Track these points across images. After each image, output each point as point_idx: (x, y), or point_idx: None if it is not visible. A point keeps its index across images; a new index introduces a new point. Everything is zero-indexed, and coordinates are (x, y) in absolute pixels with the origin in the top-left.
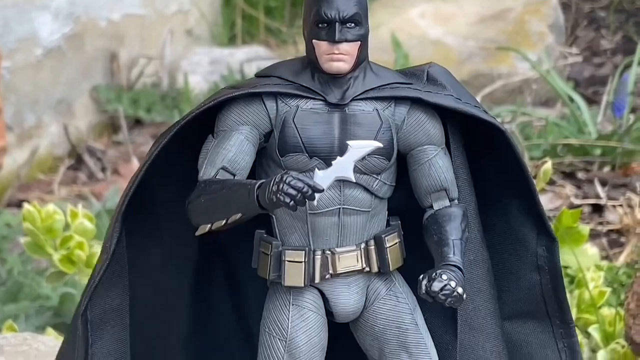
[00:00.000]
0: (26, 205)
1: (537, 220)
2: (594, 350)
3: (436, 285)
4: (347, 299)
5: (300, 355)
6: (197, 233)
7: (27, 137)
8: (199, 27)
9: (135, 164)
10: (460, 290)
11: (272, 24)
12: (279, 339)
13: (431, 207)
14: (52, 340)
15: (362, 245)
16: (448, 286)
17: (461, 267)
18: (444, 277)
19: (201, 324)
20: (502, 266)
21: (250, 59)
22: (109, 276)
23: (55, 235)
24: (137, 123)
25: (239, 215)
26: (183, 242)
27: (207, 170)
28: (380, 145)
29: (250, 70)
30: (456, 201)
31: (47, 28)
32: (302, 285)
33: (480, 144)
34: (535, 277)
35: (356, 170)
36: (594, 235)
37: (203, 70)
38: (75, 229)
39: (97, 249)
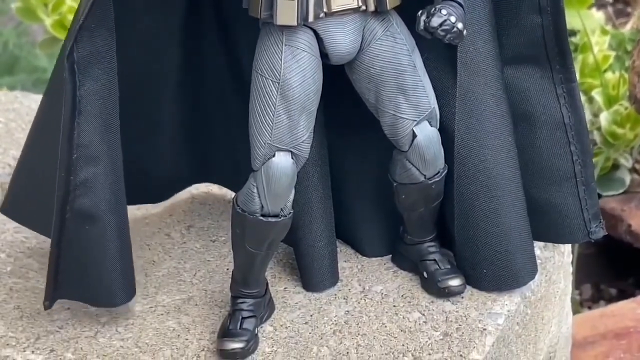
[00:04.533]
0: None
1: None
2: (595, 115)
3: (435, 21)
4: (342, 39)
5: (295, 97)
6: None
7: None
8: None
9: None
10: (460, 25)
11: None
12: (271, 80)
13: None
14: None
15: None
16: (448, 21)
17: (462, 3)
18: (444, 12)
19: (192, 69)
20: (504, 10)
21: None
22: (95, 16)
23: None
24: None
25: None
26: None
27: None
28: None
29: None
30: None
31: None
32: (295, 24)
33: None
34: (536, 18)
35: None
36: (599, 5)
37: None
38: None
39: None
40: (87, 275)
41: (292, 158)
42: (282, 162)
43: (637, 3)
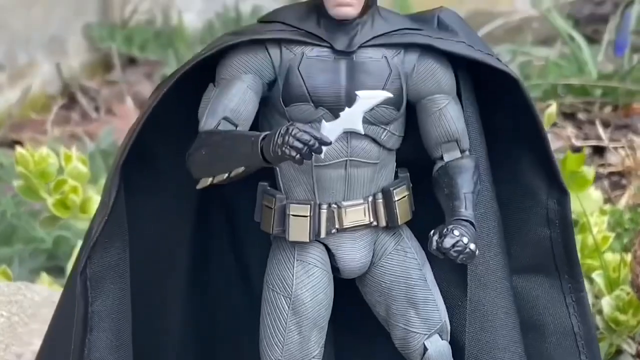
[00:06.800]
0: (19, 149)
1: (549, 172)
2: (597, 297)
3: (448, 242)
4: (354, 254)
5: (306, 313)
6: (198, 186)
7: (19, 76)
8: None
9: (129, 104)
10: (472, 246)
11: None
12: (283, 295)
13: (441, 158)
14: (46, 290)
15: (370, 199)
16: (460, 242)
17: (473, 221)
18: (456, 232)
19: (202, 279)
20: (511, 220)
21: None
22: (108, 232)
23: (48, 179)
24: (130, 62)
25: (241, 168)
26: (183, 194)
27: (208, 121)
28: (391, 95)
29: (245, 9)
30: (467, 152)
31: None
32: (307, 240)
33: (491, 93)
34: (545, 231)
35: (364, 120)
36: (595, 178)
37: (197, 7)
38: (69, 172)
39: (91, 192)
40: None
41: None
42: None
43: (632, 175)
